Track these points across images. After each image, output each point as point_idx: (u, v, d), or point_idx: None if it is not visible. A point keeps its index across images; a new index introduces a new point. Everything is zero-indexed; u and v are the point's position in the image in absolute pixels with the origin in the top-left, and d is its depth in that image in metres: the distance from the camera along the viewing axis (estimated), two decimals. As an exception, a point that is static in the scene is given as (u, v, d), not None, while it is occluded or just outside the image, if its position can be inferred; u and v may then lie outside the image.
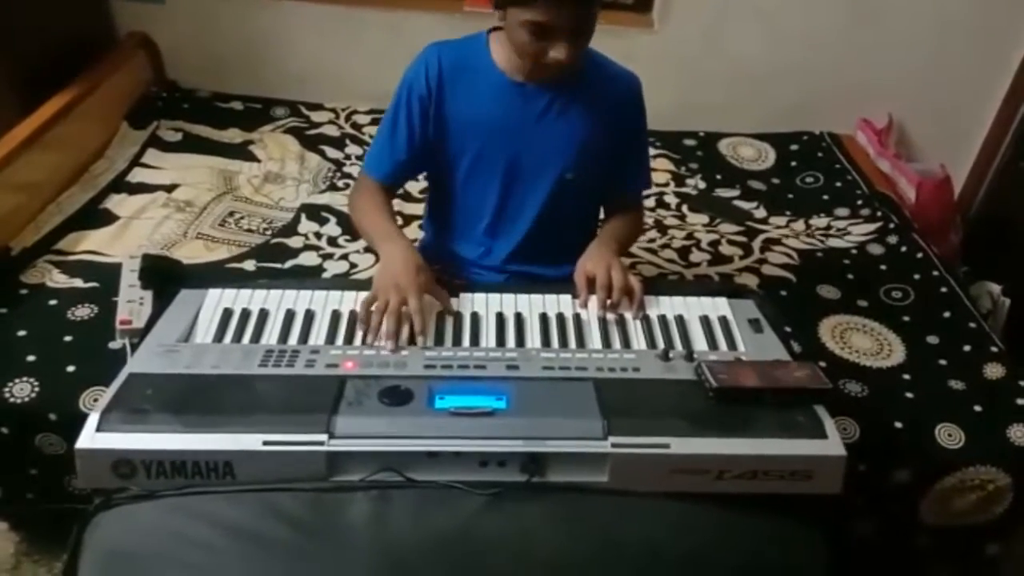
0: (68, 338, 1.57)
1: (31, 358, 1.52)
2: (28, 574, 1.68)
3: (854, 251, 2.14)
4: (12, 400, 1.45)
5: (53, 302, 1.67)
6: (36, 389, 1.47)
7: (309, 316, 1.30)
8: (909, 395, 1.63)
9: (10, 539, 1.74)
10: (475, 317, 1.32)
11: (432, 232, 1.65)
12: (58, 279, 1.75)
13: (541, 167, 1.47)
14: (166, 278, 1.67)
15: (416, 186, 2.14)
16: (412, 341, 1.24)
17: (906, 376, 1.69)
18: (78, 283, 1.74)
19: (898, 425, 1.55)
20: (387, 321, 1.22)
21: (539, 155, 1.46)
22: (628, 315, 1.34)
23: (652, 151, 2.57)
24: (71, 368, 1.50)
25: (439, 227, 1.62)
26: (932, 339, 1.80)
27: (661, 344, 1.28)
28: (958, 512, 1.55)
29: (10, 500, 1.57)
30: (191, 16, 2.57)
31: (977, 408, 1.60)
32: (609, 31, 2.55)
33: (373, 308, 1.25)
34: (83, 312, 1.64)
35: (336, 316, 1.30)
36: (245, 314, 1.30)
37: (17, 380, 1.48)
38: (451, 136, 1.46)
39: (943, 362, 1.73)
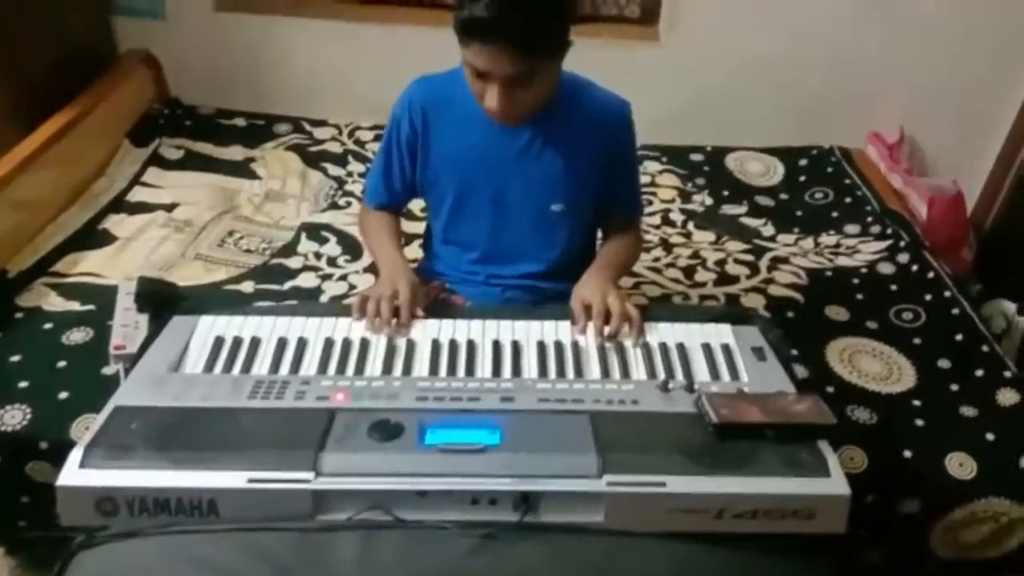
0: (62, 364, 1.56)
1: (23, 384, 1.51)
2: (23, 599, 1.67)
3: (864, 270, 2.10)
4: (3, 428, 1.44)
5: (48, 326, 1.65)
6: (28, 416, 1.45)
7: (301, 344, 1.28)
8: (919, 422, 1.59)
9: (5, 564, 1.72)
10: (471, 345, 1.30)
11: (431, 252, 1.65)
12: (54, 302, 1.73)
13: (527, 201, 1.45)
14: (162, 302, 1.65)
15: (418, 204, 2.11)
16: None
17: (916, 402, 1.64)
18: (74, 306, 1.72)
19: (907, 454, 1.51)
20: (383, 306, 1.30)
21: (524, 190, 1.44)
22: (627, 343, 1.31)
23: (658, 166, 2.56)
24: (63, 395, 1.49)
25: (435, 254, 1.62)
26: (943, 363, 1.76)
27: (662, 373, 1.26)
28: (969, 545, 1.51)
29: (2, 527, 1.55)
30: (193, 32, 2.57)
31: (990, 436, 1.55)
32: (614, 45, 2.56)
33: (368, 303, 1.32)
34: (78, 336, 1.63)
35: (329, 344, 1.28)
36: (237, 342, 1.28)
37: (9, 407, 1.46)
38: (437, 171, 1.47)
39: (955, 387, 1.69)
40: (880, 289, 2.02)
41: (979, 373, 1.72)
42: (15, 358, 1.57)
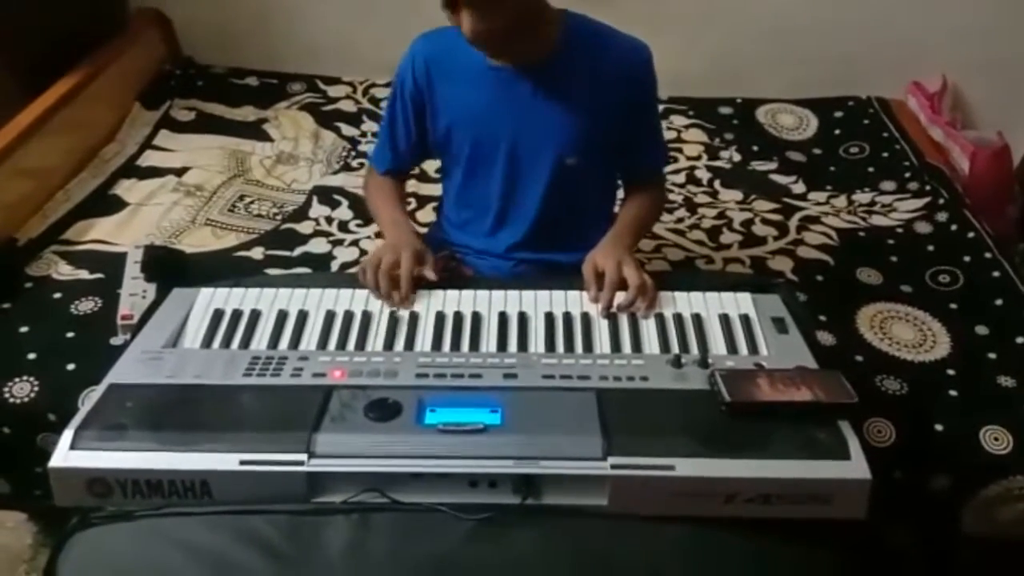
0: (70, 334, 1.54)
1: (32, 356, 1.49)
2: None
3: (899, 230, 1.99)
4: (11, 400, 1.43)
5: (57, 295, 1.64)
6: (35, 389, 1.44)
7: (302, 318, 1.25)
8: (953, 393, 1.51)
9: (28, 529, 1.74)
10: (476, 317, 1.25)
11: (443, 218, 1.61)
12: (64, 271, 1.71)
13: (538, 153, 1.39)
14: (169, 270, 1.64)
15: (433, 164, 2.05)
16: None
17: (950, 371, 1.56)
18: (83, 274, 1.70)
19: (939, 427, 1.43)
20: (382, 280, 1.26)
21: (534, 141, 1.38)
22: (639, 315, 1.26)
23: (684, 121, 2.46)
24: (71, 366, 1.47)
25: (449, 214, 1.57)
26: (981, 330, 1.66)
27: (675, 347, 1.20)
28: (1004, 523, 1.43)
29: (20, 496, 1.56)
30: (206, -12, 2.50)
31: (1028, 409, 1.47)
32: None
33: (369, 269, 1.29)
34: (86, 306, 1.61)
35: (330, 317, 1.25)
36: (236, 316, 1.25)
37: (17, 380, 1.45)
38: (447, 128, 1.41)
39: (992, 356, 1.59)
40: (916, 250, 1.92)
41: (1020, 340, 1.63)
42: (24, 329, 1.55)
